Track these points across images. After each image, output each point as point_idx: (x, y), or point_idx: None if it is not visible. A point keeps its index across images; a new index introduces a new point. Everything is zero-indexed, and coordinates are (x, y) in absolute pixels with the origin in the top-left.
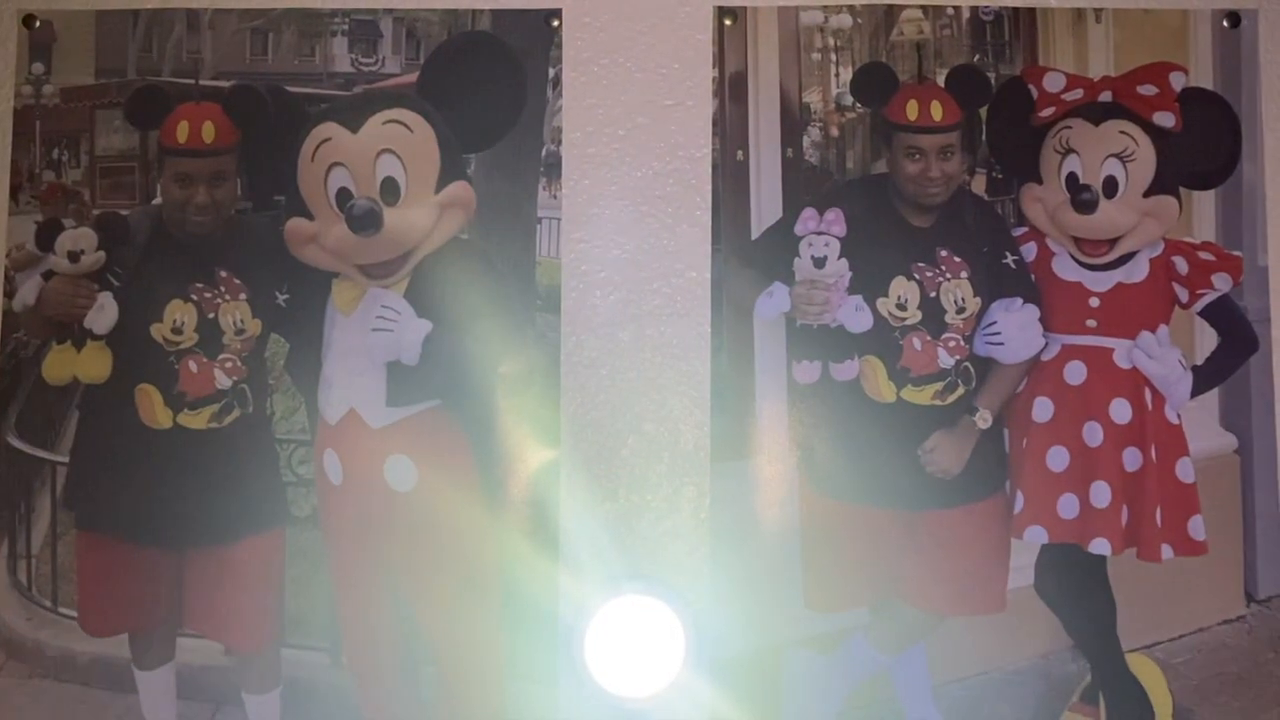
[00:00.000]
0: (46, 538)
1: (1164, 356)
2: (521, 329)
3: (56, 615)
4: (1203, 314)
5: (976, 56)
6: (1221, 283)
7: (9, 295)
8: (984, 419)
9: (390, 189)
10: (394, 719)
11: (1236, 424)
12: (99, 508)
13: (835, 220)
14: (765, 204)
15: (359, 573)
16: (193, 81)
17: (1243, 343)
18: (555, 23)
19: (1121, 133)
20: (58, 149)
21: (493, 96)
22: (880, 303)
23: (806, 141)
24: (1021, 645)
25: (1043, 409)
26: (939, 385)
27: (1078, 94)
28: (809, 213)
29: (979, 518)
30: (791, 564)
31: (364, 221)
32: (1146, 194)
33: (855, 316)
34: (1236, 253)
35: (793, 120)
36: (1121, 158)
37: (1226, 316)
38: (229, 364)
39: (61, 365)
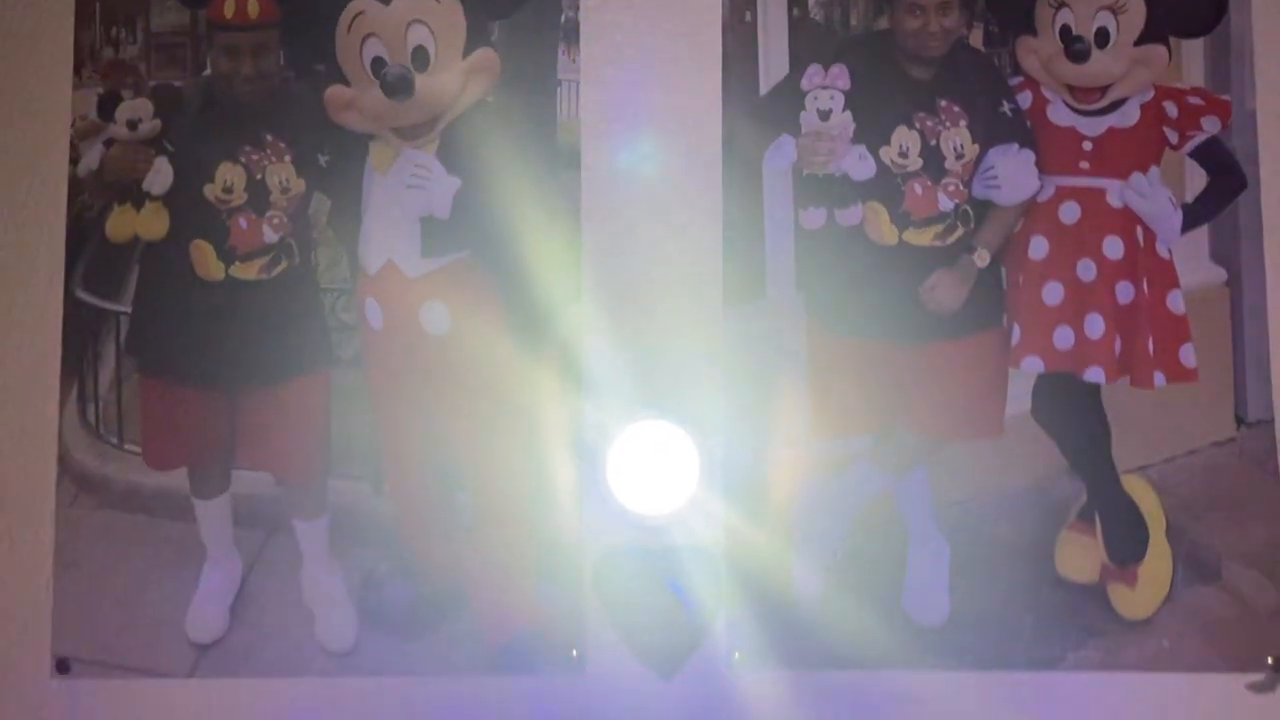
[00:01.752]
0: (112, 382)
1: (1155, 196)
2: (544, 184)
3: (122, 452)
4: (1192, 155)
5: None
6: (1210, 125)
7: (75, 162)
8: (982, 257)
9: (421, 57)
10: (431, 541)
11: (1225, 258)
12: (159, 353)
13: (839, 75)
14: (772, 62)
15: (398, 409)
16: None
17: (1231, 182)
18: None
19: None
20: (116, 27)
21: None
22: (883, 151)
23: (811, 0)
24: (1019, 468)
25: (1038, 247)
26: (939, 227)
27: None
28: (814, 69)
29: (978, 349)
30: (800, 396)
31: (397, 87)
32: (1137, 43)
33: (859, 165)
34: (1225, 97)
35: None
36: (1113, 9)
37: (1215, 157)
38: (276, 220)
39: (123, 224)
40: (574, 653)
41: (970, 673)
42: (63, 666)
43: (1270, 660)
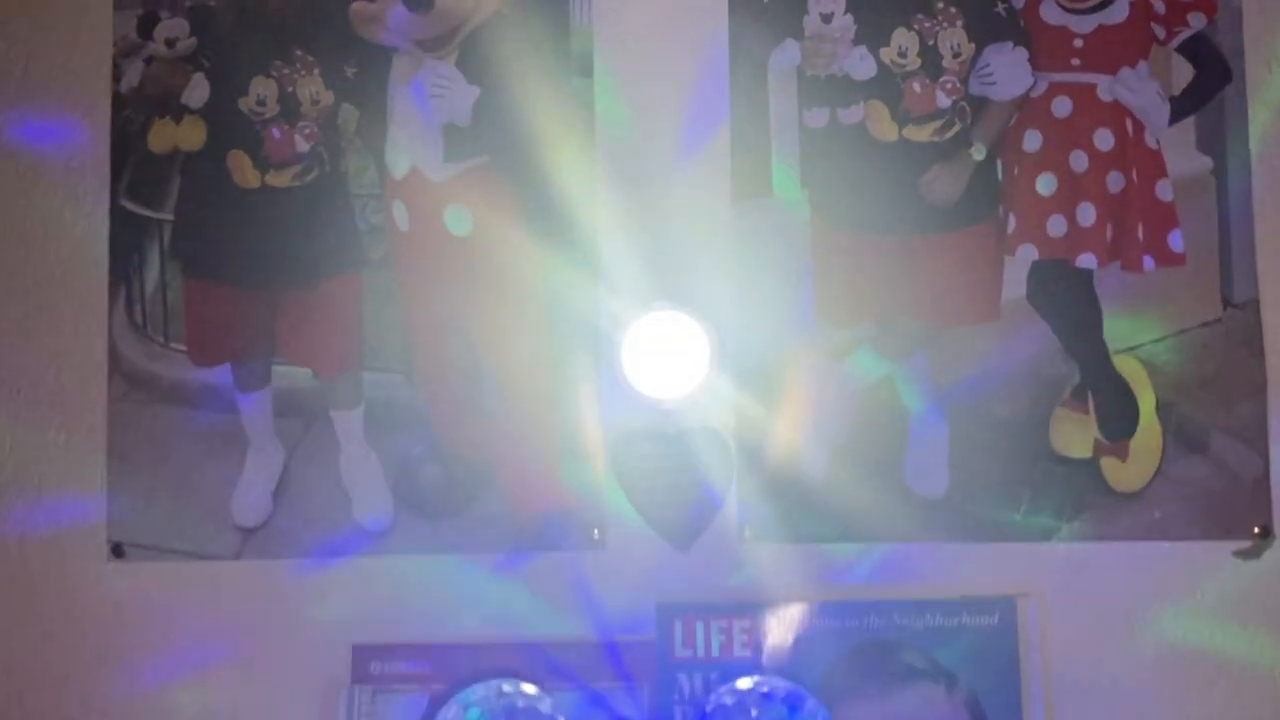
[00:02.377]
0: (157, 285)
1: (1143, 89)
2: (559, 91)
3: (169, 350)
4: (1179, 50)
5: None
6: (1196, 21)
7: (118, 80)
8: (979, 151)
9: None
10: (460, 428)
11: (1211, 147)
12: (201, 257)
13: None
14: None
15: (427, 306)
16: None
17: (1217, 75)
18: None
19: None
20: None
21: None
22: (883, 52)
23: None
24: (1015, 350)
25: (1032, 140)
26: (938, 123)
27: None
28: None
29: (975, 240)
30: (805, 286)
31: (418, 1)
32: None
33: (860, 65)
34: None
35: None
36: None
37: (1201, 52)
38: (307, 130)
39: (164, 136)
40: (596, 533)
41: (969, 543)
42: (118, 551)
43: (1256, 529)
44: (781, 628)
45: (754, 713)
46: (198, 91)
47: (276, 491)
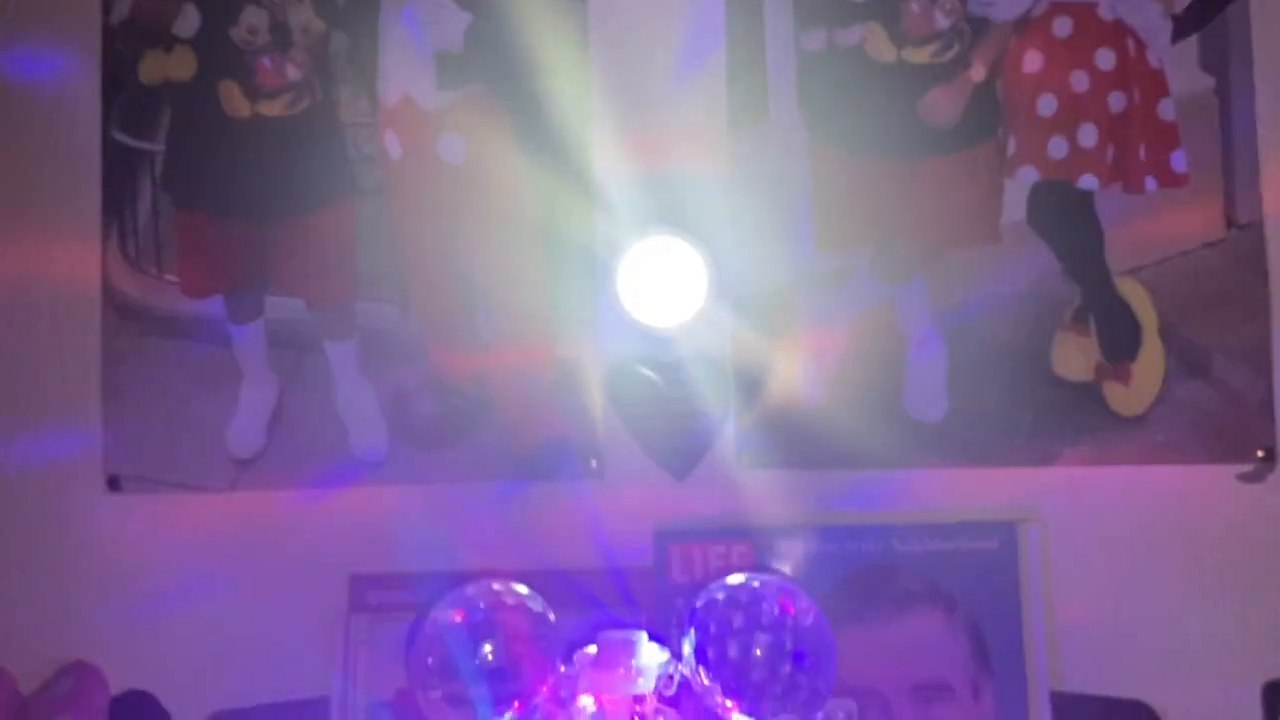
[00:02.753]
0: (149, 216)
1: (1145, 8)
2: (552, 15)
3: (161, 282)
4: None
5: None
6: None
7: (108, 11)
8: (978, 72)
9: None
10: (456, 357)
11: (1215, 66)
12: (193, 189)
13: None
14: None
15: (420, 236)
16: None
17: None
18: None
19: None
20: None
21: None
22: None
23: None
24: (1016, 273)
25: (1032, 61)
26: (936, 44)
27: None
28: None
29: (974, 162)
30: (804, 213)
31: None
32: None
33: None
34: None
35: None
36: None
37: None
38: (298, 59)
39: (155, 67)
40: (593, 462)
41: (969, 468)
42: (114, 484)
43: (1259, 452)
44: (779, 553)
45: (744, 608)
46: (188, 21)
47: (271, 423)
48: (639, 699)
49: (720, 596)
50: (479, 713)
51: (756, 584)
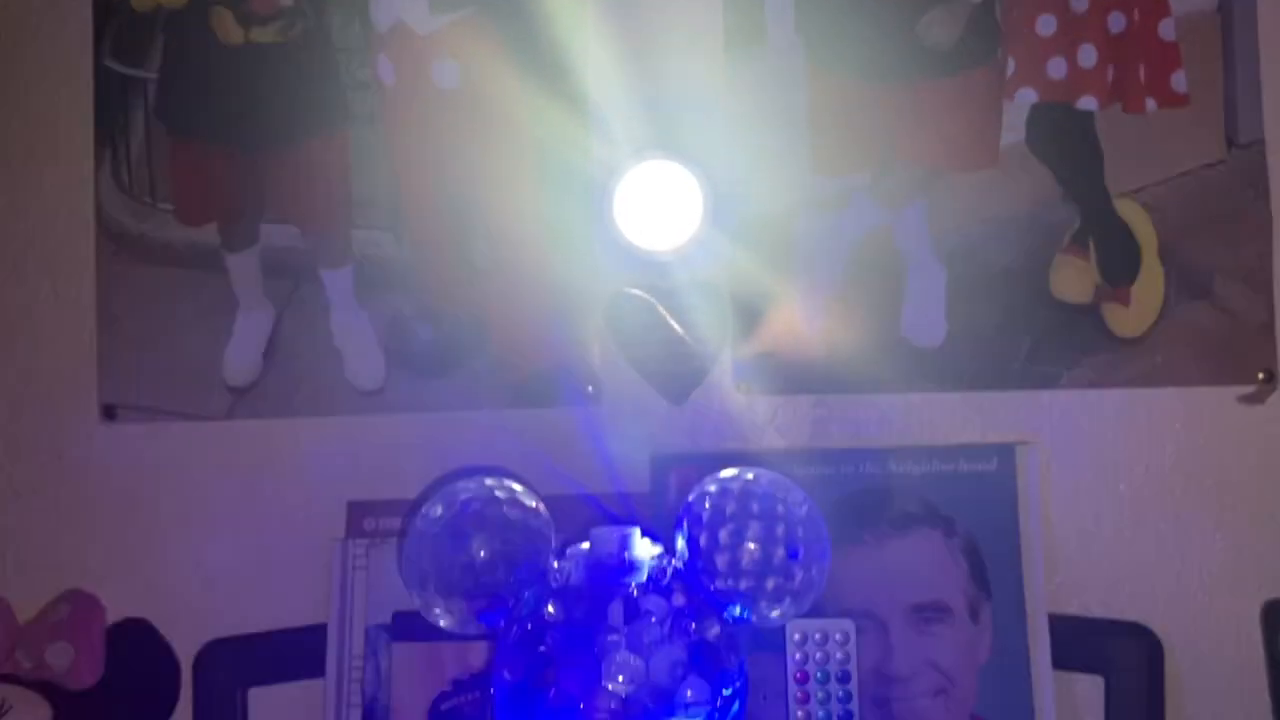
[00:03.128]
0: (142, 144)
1: None
2: None
3: (156, 210)
4: None
5: None
6: None
7: None
8: None
9: None
10: (451, 284)
11: None
12: (186, 116)
13: None
14: None
15: (415, 162)
16: None
17: None
18: None
19: None
20: None
21: None
22: None
23: None
24: (1014, 196)
25: None
26: None
27: None
28: None
29: (973, 84)
30: (801, 137)
31: None
32: None
33: None
34: None
35: None
36: None
37: None
38: None
39: None
40: (590, 389)
41: (968, 393)
42: (109, 413)
43: (1260, 374)
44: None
45: (738, 498)
46: None
47: (267, 352)
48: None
49: (713, 488)
50: (472, 609)
51: (750, 475)
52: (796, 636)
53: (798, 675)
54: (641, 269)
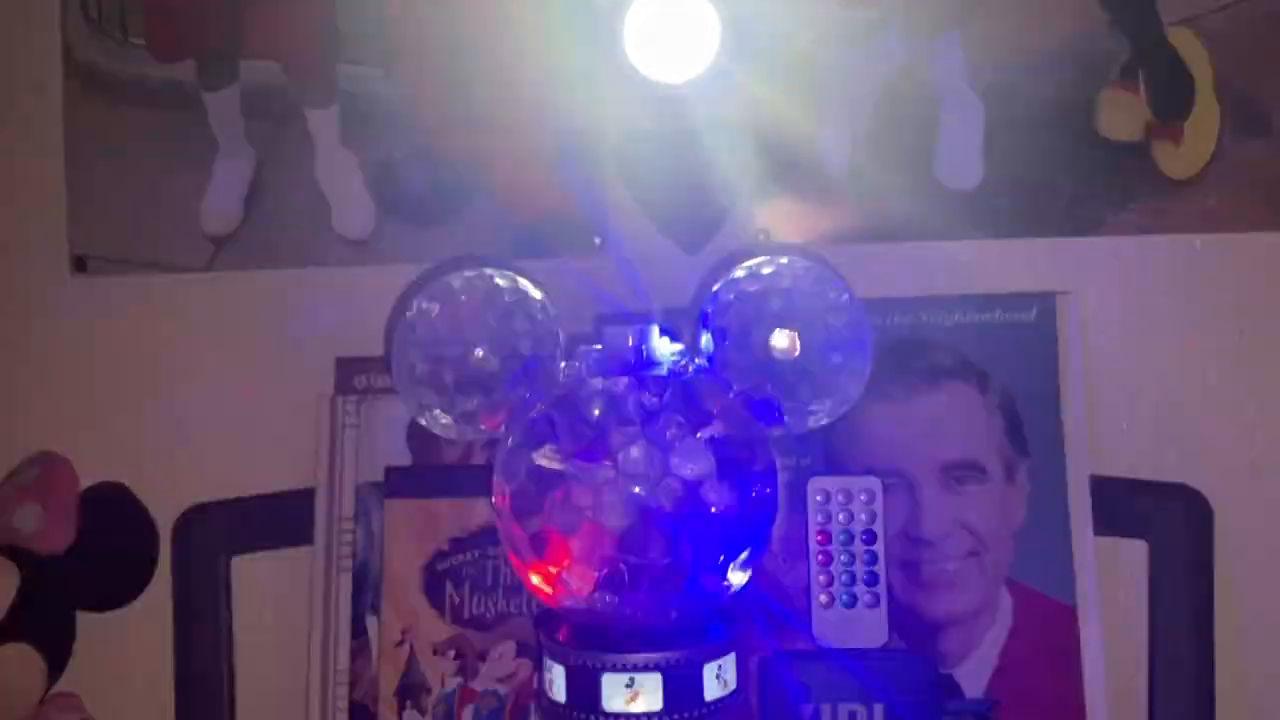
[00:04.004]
0: None
1: None
2: None
3: (127, 45)
4: None
5: None
6: None
7: None
8: None
9: None
10: (447, 124)
11: None
12: None
13: None
14: None
15: None
16: None
17: None
18: None
19: None
20: None
21: None
22: None
23: None
24: (1058, 26)
25: None
26: None
27: None
28: None
29: None
30: None
31: None
32: None
33: None
34: None
35: None
36: None
37: None
38: None
39: None
40: (597, 240)
41: (1005, 240)
42: (80, 264)
43: None
44: None
45: (767, 291)
46: None
47: (248, 198)
48: (648, 386)
49: (741, 274)
50: (470, 411)
51: (784, 260)
52: (818, 497)
53: (819, 536)
54: (654, 106)
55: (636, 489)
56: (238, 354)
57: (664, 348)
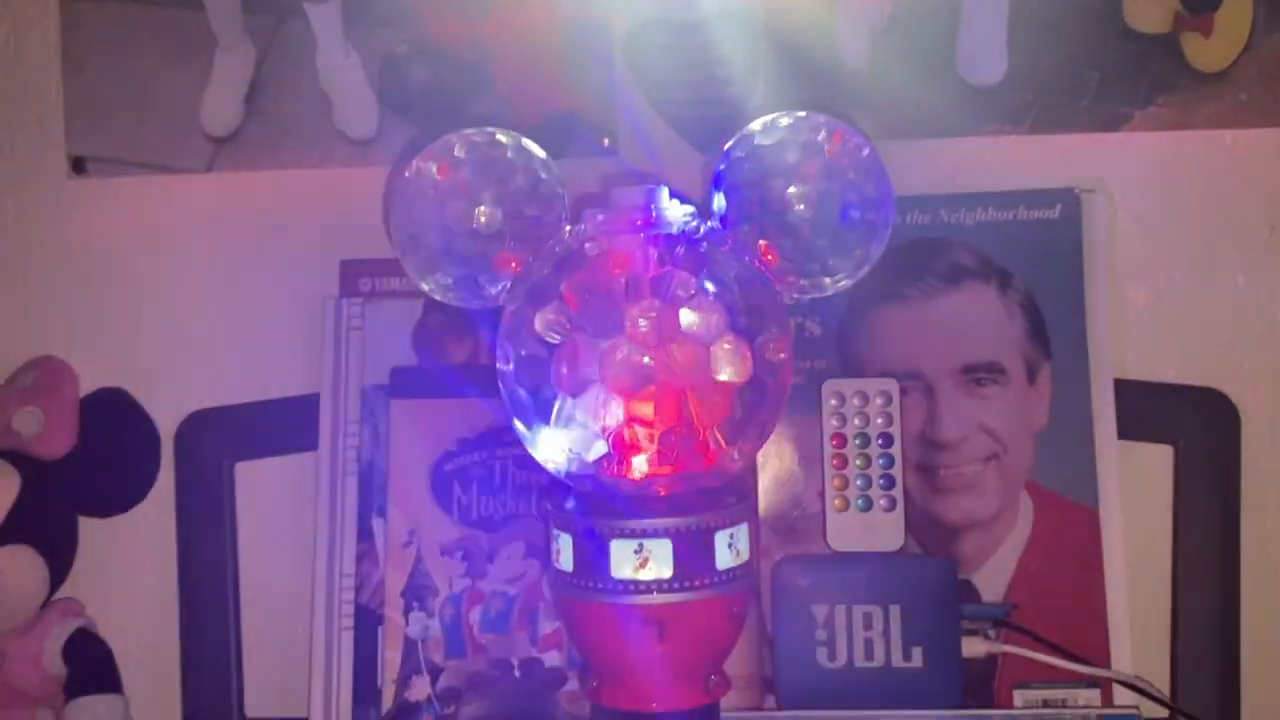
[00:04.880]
0: None
1: None
2: None
3: None
4: None
5: None
6: None
7: None
8: None
9: None
10: (451, 19)
11: None
12: None
13: None
14: None
15: None
16: None
17: None
18: None
19: None
20: None
21: None
22: None
23: None
24: None
25: None
26: None
27: None
28: None
29: None
30: None
31: None
32: None
33: None
34: None
35: None
36: None
37: None
38: None
39: None
40: (605, 140)
41: (1029, 135)
42: (78, 166)
43: None
44: None
45: (782, 147)
46: None
47: (249, 96)
48: (657, 245)
49: (756, 127)
50: (470, 277)
51: (803, 114)
52: (833, 400)
53: (833, 439)
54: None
55: (645, 358)
56: (240, 257)
57: (674, 209)
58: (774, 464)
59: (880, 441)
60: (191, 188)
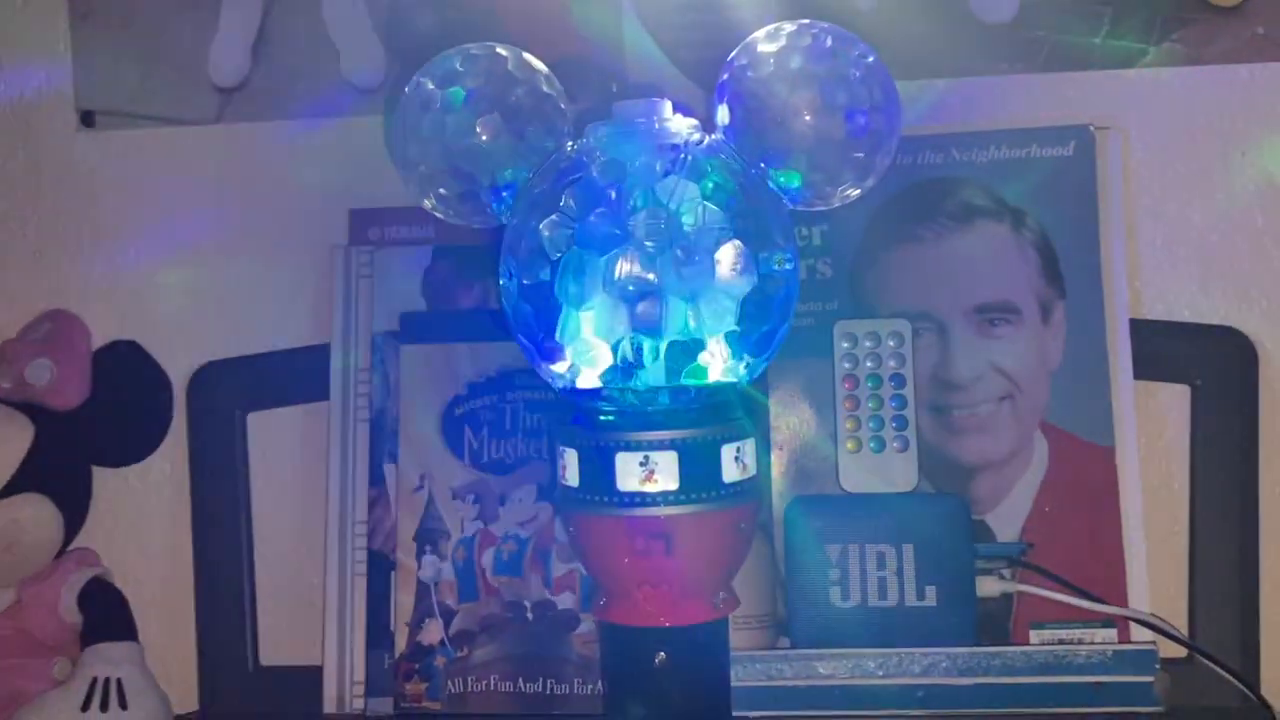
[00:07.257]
0: None
1: None
2: None
3: None
4: None
5: None
6: None
7: None
8: None
9: None
10: None
11: None
12: None
13: None
14: None
15: None
16: None
17: None
18: None
19: None
20: None
21: None
22: None
23: None
24: None
25: None
26: None
27: None
28: None
29: None
30: None
31: None
32: None
33: None
34: None
35: None
36: None
37: None
38: None
39: None
40: (614, 87)
41: (1042, 74)
42: (87, 120)
43: None
44: None
45: (786, 56)
46: None
47: (256, 46)
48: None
49: (760, 34)
50: (472, 193)
51: (807, 20)
52: (845, 342)
53: (845, 381)
54: None
55: (651, 275)
56: (249, 208)
57: (678, 121)
58: (787, 405)
59: (893, 382)
60: (200, 139)
